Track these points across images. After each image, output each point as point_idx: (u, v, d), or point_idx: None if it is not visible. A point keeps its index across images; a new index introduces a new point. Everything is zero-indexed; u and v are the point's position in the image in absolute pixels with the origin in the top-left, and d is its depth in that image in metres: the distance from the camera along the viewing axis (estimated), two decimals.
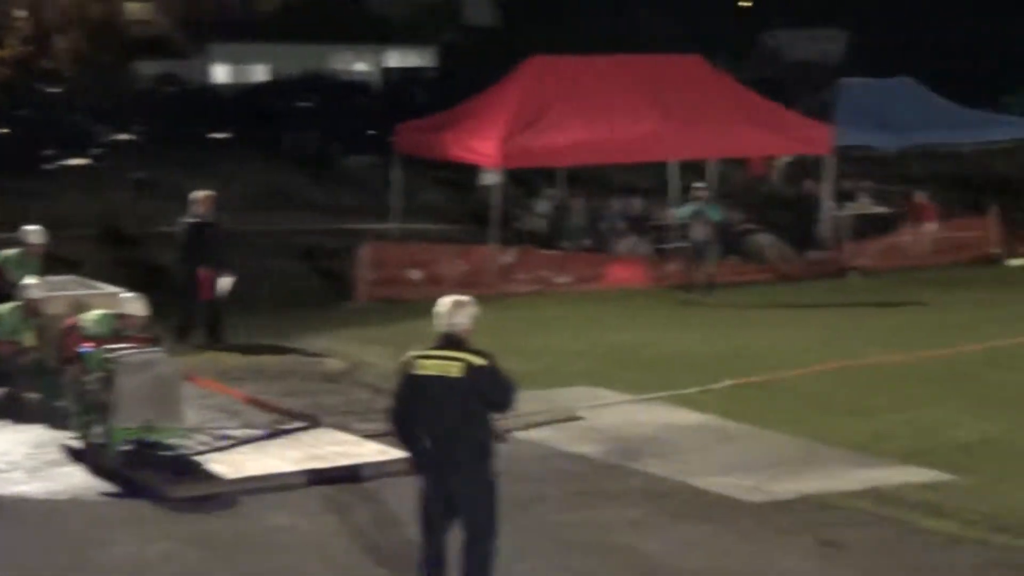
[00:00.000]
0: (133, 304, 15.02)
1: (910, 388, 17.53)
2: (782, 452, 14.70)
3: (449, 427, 9.85)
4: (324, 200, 36.27)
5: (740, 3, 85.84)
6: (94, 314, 15.18)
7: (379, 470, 13.76)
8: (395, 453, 13.72)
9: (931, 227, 29.35)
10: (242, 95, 55.87)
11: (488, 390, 9.85)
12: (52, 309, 16.96)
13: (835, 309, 23.56)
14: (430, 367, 9.91)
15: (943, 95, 31.81)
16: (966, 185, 36.90)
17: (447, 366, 9.85)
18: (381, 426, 14.37)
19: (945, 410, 16.39)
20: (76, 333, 14.93)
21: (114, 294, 16.66)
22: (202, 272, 20.01)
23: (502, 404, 9.98)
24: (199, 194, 20.69)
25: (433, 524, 10.12)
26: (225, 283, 20.07)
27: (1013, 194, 32.68)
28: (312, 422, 15.66)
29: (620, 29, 68.47)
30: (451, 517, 10.06)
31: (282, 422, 15.74)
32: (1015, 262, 28.74)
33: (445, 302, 10.05)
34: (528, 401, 16.02)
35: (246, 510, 12.83)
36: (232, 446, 14.85)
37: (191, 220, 20.37)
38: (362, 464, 13.97)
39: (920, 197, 30.00)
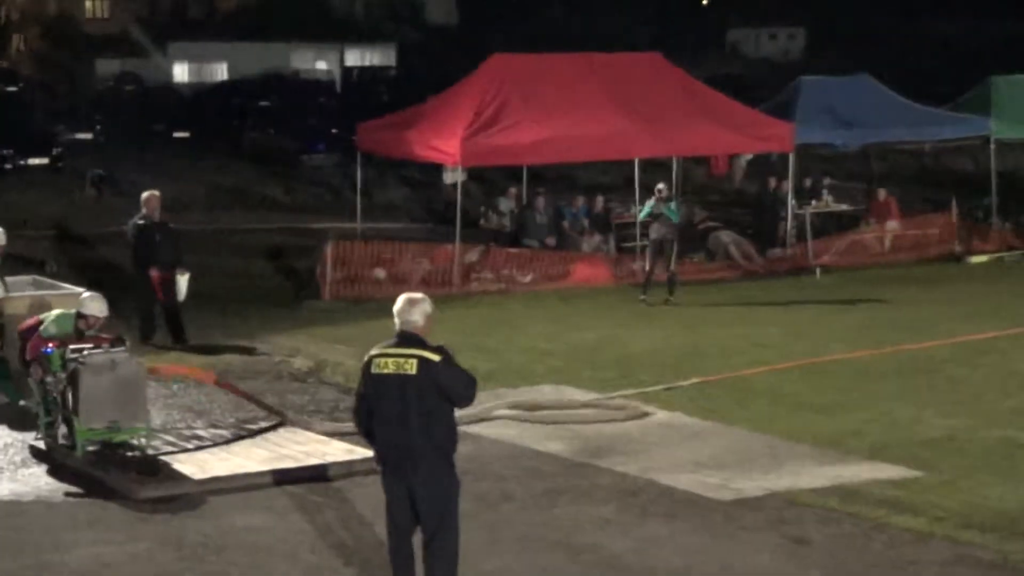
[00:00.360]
0: (93, 304, 14.88)
1: (875, 385, 17.59)
2: (749, 449, 14.73)
3: (408, 424, 9.84)
4: (286, 199, 36.19)
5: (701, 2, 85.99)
6: (54, 314, 15.04)
7: (346, 469, 13.73)
8: (362, 452, 13.73)
9: (893, 224, 29.48)
10: (202, 94, 55.67)
11: (445, 385, 9.85)
12: (12, 309, 16.86)
13: (799, 306, 23.61)
14: (387, 365, 9.91)
15: (902, 93, 31.93)
16: (927, 182, 37.13)
17: (403, 363, 9.86)
18: (348, 425, 14.41)
19: (910, 407, 16.44)
20: (37, 334, 14.79)
21: (74, 294, 16.53)
22: (153, 273, 19.84)
23: (461, 398, 9.98)
24: (145, 194, 20.52)
25: (399, 523, 10.11)
26: (181, 282, 19.91)
27: (973, 191, 32.84)
28: (279, 421, 15.62)
29: (579, 27, 68.57)
30: (416, 515, 10.04)
31: (249, 422, 15.69)
32: (976, 259, 28.88)
33: (399, 300, 10.06)
34: (494, 400, 16.14)
35: (213, 510, 12.77)
36: (199, 447, 14.80)
37: (138, 221, 20.21)
38: (329, 463, 13.93)
39: (882, 194, 30.13)
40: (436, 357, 9.85)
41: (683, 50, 51.00)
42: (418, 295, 10.14)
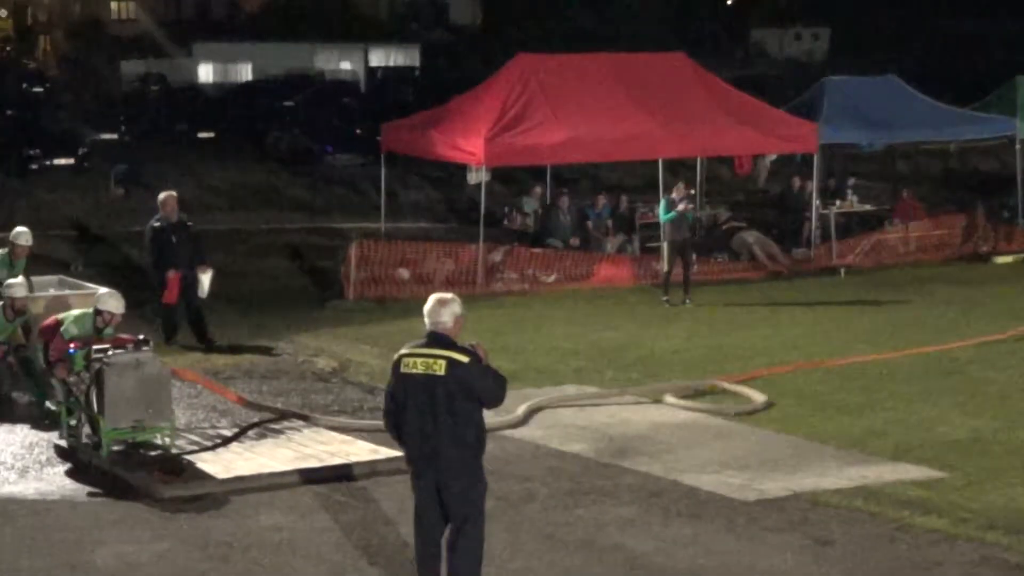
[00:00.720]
0: (111, 300, 14.89)
1: (899, 385, 17.55)
2: (772, 450, 14.71)
3: (436, 425, 9.86)
4: (310, 199, 36.24)
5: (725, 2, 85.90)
6: (73, 314, 15.06)
7: (370, 469, 13.74)
8: (386, 452, 13.77)
9: (918, 225, 29.40)
10: (227, 94, 55.82)
11: (474, 386, 9.86)
12: (36, 308, 16.92)
13: (823, 307, 23.57)
14: (416, 365, 9.94)
15: (927, 93, 31.88)
16: (952, 183, 37.03)
17: (432, 364, 9.89)
18: (374, 424, 14.46)
19: (935, 407, 16.41)
20: (58, 335, 14.82)
21: (94, 293, 16.53)
22: (170, 275, 19.80)
23: (491, 399, 10.00)
24: (162, 196, 20.51)
25: (426, 523, 10.13)
26: (204, 279, 19.87)
27: (998, 192, 32.73)
28: (303, 421, 15.65)
29: (603, 28, 68.55)
30: (444, 515, 10.06)
31: (273, 421, 15.72)
32: (1001, 259, 28.79)
33: (430, 301, 10.08)
34: (517, 400, 16.15)
35: (237, 510, 12.80)
36: (223, 445, 14.83)
37: (154, 224, 20.20)
38: (353, 463, 13.94)
39: (907, 195, 30.05)
40: (464, 358, 9.86)
41: (707, 50, 50.96)
42: (448, 296, 10.15)
